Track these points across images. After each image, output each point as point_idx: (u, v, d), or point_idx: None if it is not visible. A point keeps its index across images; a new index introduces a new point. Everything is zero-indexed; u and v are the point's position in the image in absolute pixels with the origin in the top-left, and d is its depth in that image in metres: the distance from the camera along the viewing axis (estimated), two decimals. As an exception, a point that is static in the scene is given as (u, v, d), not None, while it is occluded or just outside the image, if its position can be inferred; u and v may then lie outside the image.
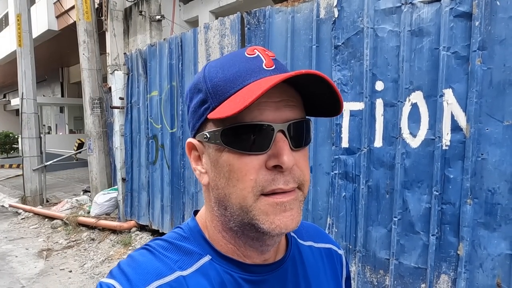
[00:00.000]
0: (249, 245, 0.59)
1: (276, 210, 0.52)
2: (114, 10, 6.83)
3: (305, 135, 0.56)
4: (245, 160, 0.52)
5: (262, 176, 0.52)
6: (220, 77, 0.54)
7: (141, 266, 0.56)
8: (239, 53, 0.56)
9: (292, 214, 0.53)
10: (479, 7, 2.07)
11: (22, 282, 4.19)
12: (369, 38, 2.53)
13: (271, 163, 0.52)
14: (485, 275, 2.12)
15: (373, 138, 2.56)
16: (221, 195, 0.56)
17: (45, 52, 12.24)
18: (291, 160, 0.51)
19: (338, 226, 2.78)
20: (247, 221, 0.54)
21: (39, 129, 8.02)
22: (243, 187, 0.52)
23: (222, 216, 0.58)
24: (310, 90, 0.55)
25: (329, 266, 0.72)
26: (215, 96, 0.53)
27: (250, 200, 0.52)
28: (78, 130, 16.87)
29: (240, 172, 0.52)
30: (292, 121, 0.53)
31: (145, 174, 4.90)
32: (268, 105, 0.52)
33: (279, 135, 0.52)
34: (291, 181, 0.53)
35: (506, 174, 2.03)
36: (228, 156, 0.53)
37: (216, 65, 0.56)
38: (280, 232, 0.53)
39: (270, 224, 0.52)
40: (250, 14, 3.28)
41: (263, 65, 0.53)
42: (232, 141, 0.52)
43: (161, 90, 4.47)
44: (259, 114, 0.51)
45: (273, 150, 0.52)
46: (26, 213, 7.20)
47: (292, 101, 0.54)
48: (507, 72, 2.02)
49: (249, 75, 0.52)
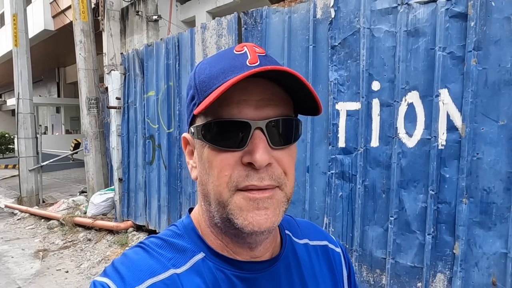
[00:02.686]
0: (235, 242, 0.59)
1: (249, 205, 0.52)
2: (111, 10, 6.82)
3: (289, 134, 0.56)
4: (221, 157, 0.53)
5: (237, 171, 0.52)
6: (207, 74, 0.55)
7: (134, 264, 0.56)
8: (229, 50, 0.56)
9: (266, 214, 0.53)
10: (474, 7, 2.09)
11: (18, 282, 4.17)
12: (365, 38, 2.54)
13: (246, 159, 0.52)
14: (480, 274, 2.13)
15: (370, 138, 2.57)
16: (205, 190, 0.57)
17: (41, 52, 12.19)
18: (264, 158, 0.51)
19: (334, 226, 2.79)
20: (225, 216, 0.54)
21: (35, 129, 7.99)
22: (219, 183, 0.53)
23: (208, 212, 0.58)
24: (292, 88, 0.55)
25: (326, 264, 0.70)
26: (200, 92, 0.54)
27: (226, 195, 0.53)
28: (75, 130, 16.82)
29: (217, 168, 0.53)
30: (272, 118, 0.53)
31: (142, 174, 4.89)
32: (248, 103, 0.52)
33: (256, 133, 0.52)
34: (267, 178, 0.53)
35: (501, 173, 2.04)
36: (208, 151, 0.54)
37: (207, 62, 0.57)
38: (253, 230, 0.52)
39: (243, 220, 0.52)
40: (247, 14, 3.28)
41: (247, 62, 0.53)
42: (211, 137, 0.53)
43: (158, 90, 4.46)
44: (238, 112, 0.52)
45: (249, 147, 0.52)
46: (22, 213, 7.17)
47: (274, 100, 0.54)
48: (502, 72, 2.03)
49: (231, 71, 0.52)
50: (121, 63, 5.16)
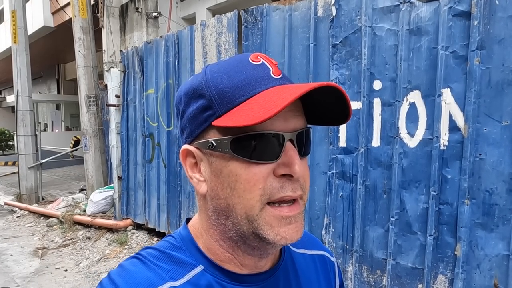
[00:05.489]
0: (248, 254, 0.58)
1: (281, 223, 0.53)
2: (110, 7, 6.77)
3: (309, 144, 0.58)
4: (253, 170, 0.52)
5: (270, 183, 0.52)
6: (226, 84, 0.53)
7: (131, 276, 0.54)
8: (243, 59, 0.55)
9: (297, 226, 0.54)
10: (478, 6, 2.06)
11: (17, 281, 4.16)
12: (367, 37, 2.51)
13: (281, 171, 0.52)
14: (482, 276, 2.11)
15: (371, 138, 2.54)
16: (223, 205, 0.55)
17: (40, 48, 12.14)
18: (301, 169, 0.53)
19: (335, 226, 2.77)
20: (251, 230, 0.53)
21: (35, 126, 7.97)
22: (250, 197, 0.52)
23: (222, 226, 0.57)
24: (317, 99, 0.55)
25: (323, 273, 0.72)
26: (221, 103, 0.52)
27: (257, 209, 0.52)
28: (74, 127, 16.78)
29: (248, 183, 0.52)
30: (299, 130, 0.54)
31: (142, 173, 4.88)
32: (278, 115, 0.51)
33: (288, 144, 0.52)
34: (299, 188, 0.54)
35: (504, 174, 2.02)
36: (235, 165, 0.52)
37: (219, 70, 0.55)
38: (286, 243, 0.54)
39: (275, 235, 0.53)
40: (247, 11, 3.25)
41: (271, 74, 0.54)
42: (242, 150, 0.52)
43: (158, 88, 4.44)
44: (270, 124, 0.51)
45: (283, 159, 0.52)
46: (22, 211, 7.16)
47: (297, 111, 0.55)
48: (505, 72, 2.01)
49: (259, 83, 0.52)
50: (120, 60, 5.13)
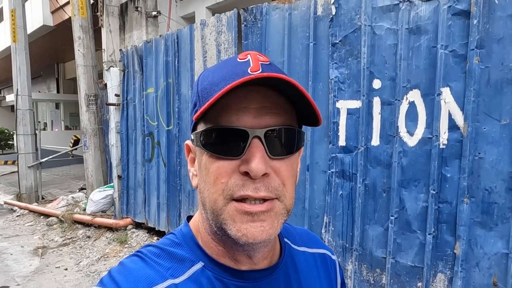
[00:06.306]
0: (235, 249, 0.58)
1: (243, 218, 0.51)
2: (110, 6, 6.76)
3: (290, 144, 0.54)
4: (218, 164, 0.52)
5: (234, 180, 0.51)
6: (209, 81, 0.54)
7: (132, 274, 0.55)
8: (233, 58, 0.56)
9: (262, 226, 0.52)
10: (477, 5, 2.06)
11: (17, 280, 4.17)
12: (366, 36, 2.51)
13: (242, 168, 0.51)
14: (481, 274, 2.12)
15: (370, 137, 2.55)
16: (203, 198, 0.56)
17: (40, 47, 12.12)
18: (260, 167, 0.50)
19: (334, 225, 2.77)
20: (218, 225, 0.54)
21: (34, 125, 7.97)
22: (214, 191, 0.53)
23: (208, 220, 0.58)
24: (293, 97, 0.53)
25: (324, 271, 0.72)
26: (201, 98, 0.54)
27: (220, 203, 0.52)
28: (74, 126, 16.76)
29: (213, 175, 0.53)
30: (271, 127, 0.51)
31: (141, 172, 4.88)
32: (247, 111, 0.51)
33: (254, 141, 0.51)
34: (262, 189, 0.51)
35: (503, 173, 2.03)
36: (206, 158, 0.54)
37: (211, 69, 0.57)
38: (248, 242, 0.52)
39: (236, 231, 0.52)
40: (247, 11, 3.25)
41: (248, 69, 0.52)
42: (209, 144, 0.53)
43: (157, 87, 4.44)
44: (236, 119, 0.51)
45: (246, 156, 0.51)
46: (22, 210, 7.16)
47: (275, 108, 0.53)
48: (504, 71, 2.01)
49: (232, 78, 0.50)
50: (120, 59, 5.13)
